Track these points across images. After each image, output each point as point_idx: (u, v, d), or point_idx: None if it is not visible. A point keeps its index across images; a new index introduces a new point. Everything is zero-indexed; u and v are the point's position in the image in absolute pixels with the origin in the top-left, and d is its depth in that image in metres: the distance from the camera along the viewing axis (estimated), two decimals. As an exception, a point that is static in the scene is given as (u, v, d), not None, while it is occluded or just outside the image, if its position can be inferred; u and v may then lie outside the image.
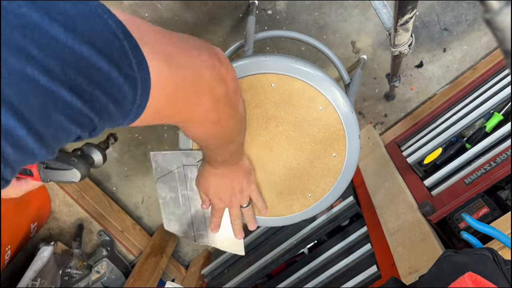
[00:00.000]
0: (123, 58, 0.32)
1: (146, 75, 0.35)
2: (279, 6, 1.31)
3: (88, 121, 0.31)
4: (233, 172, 0.71)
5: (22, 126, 0.26)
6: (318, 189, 0.80)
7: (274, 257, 1.32)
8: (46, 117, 0.28)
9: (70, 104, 0.29)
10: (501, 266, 0.64)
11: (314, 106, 0.73)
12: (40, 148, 0.28)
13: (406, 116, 1.45)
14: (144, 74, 0.35)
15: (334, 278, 1.14)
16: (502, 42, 0.21)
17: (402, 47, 0.84)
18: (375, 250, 1.07)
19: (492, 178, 0.93)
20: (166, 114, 0.42)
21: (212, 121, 0.50)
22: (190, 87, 0.42)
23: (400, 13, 0.69)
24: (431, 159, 1.15)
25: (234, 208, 0.76)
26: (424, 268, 0.85)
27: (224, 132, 0.55)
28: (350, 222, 1.27)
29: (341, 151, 0.76)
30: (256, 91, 0.73)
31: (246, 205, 0.77)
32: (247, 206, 0.78)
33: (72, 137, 0.32)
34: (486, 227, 0.81)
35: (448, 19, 1.30)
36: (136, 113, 0.37)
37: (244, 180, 0.73)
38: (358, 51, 1.38)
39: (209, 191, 0.73)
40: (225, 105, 0.49)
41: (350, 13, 1.31)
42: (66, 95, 0.28)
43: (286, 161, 0.78)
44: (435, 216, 0.96)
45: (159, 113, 0.40)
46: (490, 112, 1.12)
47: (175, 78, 0.39)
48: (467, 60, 1.36)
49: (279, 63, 0.71)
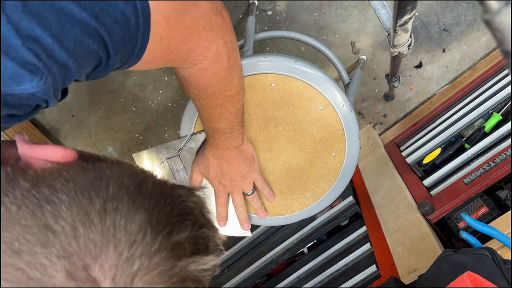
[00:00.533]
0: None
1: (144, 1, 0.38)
2: (279, 6, 1.32)
3: (100, 38, 0.34)
4: (234, 155, 0.70)
5: (47, 35, 0.29)
6: (317, 188, 0.80)
7: (274, 256, 1.32)
8: (64, 28, 0.31)
9: (80, 18, 0.32)
10: (500, 265, 0.65)
11: (313, 106, 0.73)
12: (68, 57, 0.32)
13: (405, 116, 1.46)
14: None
15: (333, 278, 1.14)
16: (501, 43, 0.21)
17: (402, 47, 0.84)
18: (374, 250, 1.07)
19: (491, 178, 0.93)
20: (170, 44, 0.45)
21: (213, 54, 0.52)
22: (188, 14, 0.45)
23: (399, 13, 0.70)
24: (430, 159, 1.15)
25: (236, 193, 0.75)
26: (423, 267, 0.85)
27: (226, 76, 0.56)
28: (349, 222, 1.27)
29: (341, 151, 0.76)
30: (256, 91, 0.73)
31: (250, 193, 0.76)
32: (251, 194, 0.77)
33: (93, 56, 0.35)
34: (485, 227, 0.81)
35: (448, 20, 1.31)
36: (142, 40, 0.40)
37: (246, 166, 0.72)
38: (357, 52, 1.38)
39: (209, 173, 0.72)
40: (223, 34, 0.52)
41: (350, 13, 1.31)
42: (76, 10, 0.31)
43: (285, 160, 0.78)
44: (434, 216, 0.97)
45: (164, 42, 0.43)
46: (489, 112, 1.13)
47: (173, 3, 0.43)
48: (466, 60, 1.36)
49: (279, 63, 0.72)
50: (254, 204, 0.78)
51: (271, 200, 0.79)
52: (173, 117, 1.57)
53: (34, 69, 0.30)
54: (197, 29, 0.48)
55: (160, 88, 1.50)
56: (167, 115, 1.57)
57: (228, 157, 0.70)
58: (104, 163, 0.35)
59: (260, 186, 0.77)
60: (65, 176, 0.31)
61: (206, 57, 0.52)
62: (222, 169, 0.71)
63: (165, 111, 1.56)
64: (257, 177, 0.75)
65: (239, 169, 0.72)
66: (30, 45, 0.29)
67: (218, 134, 0.66)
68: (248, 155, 0.72)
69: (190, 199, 0.35)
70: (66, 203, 0.29)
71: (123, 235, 0.29)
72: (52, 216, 0.28)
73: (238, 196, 0.76)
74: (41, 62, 0.30)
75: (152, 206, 0.31)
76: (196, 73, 0.54)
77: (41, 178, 0.31)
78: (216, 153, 0.70)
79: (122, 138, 1.64)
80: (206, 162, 0.72)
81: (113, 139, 1.65)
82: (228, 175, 0.72)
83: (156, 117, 1.58)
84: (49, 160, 0.33)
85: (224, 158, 0.70)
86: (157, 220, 0.30)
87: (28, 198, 0.29)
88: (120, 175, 0.33)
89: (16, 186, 0.30)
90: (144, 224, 0.30)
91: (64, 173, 0.32)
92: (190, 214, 0.34)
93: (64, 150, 0.33)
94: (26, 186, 0.30)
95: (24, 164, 0.33)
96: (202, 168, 0.73)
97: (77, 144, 1.65)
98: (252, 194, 0.77)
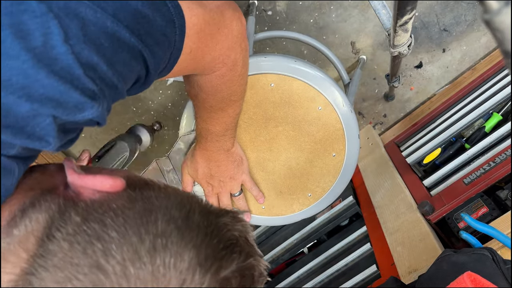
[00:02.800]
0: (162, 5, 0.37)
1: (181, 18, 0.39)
2: (279, 6, 1.32)
3: (143, 59, 0.36)
4: (223, 158, 0.71)
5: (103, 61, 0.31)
6: (317, 188, 0.80)
7: (274, 256, 1.32)
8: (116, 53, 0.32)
9: (129, 42, 0.33)
10: (500, 265, 0.65)
11: (313, 106, 0.73)
12: (118, 80, 0.33)
13: (405, 116, 1.46)
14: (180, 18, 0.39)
15: (333, 278, 1.14)
16: (501, 43, 0.21)
17: (402, 47, 0.84)
18: (374, 250, 1.07)
19: (491, 178, 0.93)
20: (197, 55, 0.46)
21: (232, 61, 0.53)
22: (215, 25, 0.47)
23: (399, 13, 0.70)
24: (430, 159, 1.15)
25: (223, 194, 0.76)
26: (423, 267, 0.85)
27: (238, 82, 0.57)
28: (349, 222, 1.28)
29: (341, 151, 0.76)
30: (256, 91, 0.73)
31: (237, 194, 0.77)
32: (238, 195, 0.77)
33: (135, 76, 0.36)
34: (485, 227, 0.81)
35: (448, 20, 1.31)
36: (175, 55, 0.41)
37: (235, 167, 0.73)
38: (357, 52, 1.38)
39: (198, 174, 0.73)
40: (240, 42, 0.53)
41: (350, 13, 1.31)
42: (126, 36, 0.33)
43: (285, 160, 0.78)
44: (435, 216, 0.97)
45: (193, 54, 0.44)
46: (489, 112, 1.13)
47: (203, 15, 0.44)
48: (466, 60, 1.36)
49: (279, 63, 0.72)
50: (239, 205, 0.79)
51: (260, 201, 0.80)
52: (173, 117, 1.57)
53: (95, 96, 0.31)
54: (221, 38, 0.49)
55: (160, 88, 1.50)
56: (167, 115, 1.57)
57: (217, 159, 0.70)
58: (152, 191, 0.35)
59: (249, 187, 0.77)
60: (114, 209, 0.32)
61: (225, 64, 0.53)
62: (211, 171, 0.72)
63: (165, 111, 1.56)
64: (245, 179, 0.76)
65: (227, 171, 0.73)
66: (89, 73, 0.30)
67: (211, 136, 0.66)
68: (237, 157, 0.73)
69: (235, 227, 0.35)
70: (116, 241, 0.29)
71: (173, 275, 0.29)
72: (103, 255, 0.28)
73: (225, 197, 0.76)
74: (98, 88, 0.31)
75: (200, 241, 0.31)
76: (213, 79, 0.55)
77: (91, 211, 0.32)
78: (205, 155, 0.70)
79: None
80: (195, 164, 0.72)
81: (113, 139, 1.65)
82: (216, 176, 0.73)
83: (156, 117, 1.58)
84: (98, 190, 0.34)
85: (213, 160, 0.70)
86: (205, 256, 0.31)
87: (79, 234, 0.30)
88: (168, 206, 0.33)
89: (68, 220, 0.31)
90: (193, 261, 0.30)
91: (114, 205, 0.32)
92: (236, 245, 0.34)
93: (113, 180, 0.34)
94: (77, 220, 0.31)
95: (73, 193, 0.34)
96: (191, 170, 0.74)
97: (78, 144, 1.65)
98: (239, 195, 0.78)
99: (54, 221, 0.31)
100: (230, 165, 0.72)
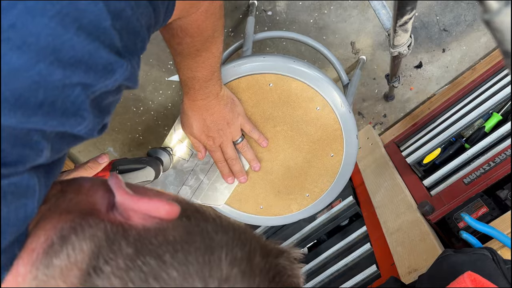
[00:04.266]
0: None
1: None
2: (279, 6, 1.31)
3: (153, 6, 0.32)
4: (215, 104, 0.67)
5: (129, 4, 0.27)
6: (316, 188, 0.80)
7: (273, 257, 1.32)
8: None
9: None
10: (500, 265, 0.64)
11: (312, 106, 0.73)
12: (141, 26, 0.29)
13: (405, 116, 1.46)
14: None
15: (333, 278, 1.14)
16: (501, 43, 0.21)
17: (401, 47, 0.84)
18: (374, 250, 1.07)
19: (491, 178, 0.93)
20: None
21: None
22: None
23: (399, 14, 0.70)
24: (430, 159, 1.15)
25: (226, 144, 0.73)
26: (423, 267, 0.85)
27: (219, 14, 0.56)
28: (349, 222, 1.27)
29: (339, 151, 0.76)
30: (254, 91, 0.73)
31: (240, 140, 0.74)
32: (241, 141, 0.74)
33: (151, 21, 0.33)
34: (485, 227, 0.81)
35: (447, 20, 1.31)
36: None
37: (229, 111, 0.70)
38: (357, 52, 1.38)
39: (194, 130, 0.70)
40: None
41: (350, 13, 1.31)
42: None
43: (283, 160, 0.78)
44: (435, 216, 0.96)
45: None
46: (489, 112, 1.13)
47: None
48: (466, 60, 1.36)
49: (278, 63, 0.71)
50: (246, 154, 0.76)
51: (264, 144, 0.75)
52: (173, 117, 1.57)
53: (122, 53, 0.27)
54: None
55: (160, 88, 1.50)
56: (167, 115, 1.57)
57: (208, 107, 0.67)
58: (207, 223, 0.31)
59: (248, 130, 0.74)
60: (172, 242, 0.27)
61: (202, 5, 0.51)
62: (206, 121, 0.69)
63: (165, 111, 1.56)
64: (243, 121, 0.73)
65: (222, 117, 0.69)
66: (116, 23, 0.26)
67: (199, 84, 0.63)
68: (228, 100, 0.70)
69: (294, 273, 0.32)
70: (177, 283, 0.25)
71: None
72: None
73: (229, 147, 0.73)
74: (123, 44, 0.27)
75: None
76: (198, 17, 0.53)
77: (145, 242, 0.27)
78: (195, 106, 0.67)
79: (122, 139, 1.64)
80: (189, 120, 0.69)
81: (114, 139, 1.65)
82: (213, 125, 0.69)
83: (156, 117, 1.58)
84: (152, 215, 0.29)
85: (204, 109, 0.67)
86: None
87: (133, 270, 0.25)
88: (229, 243, 0.29)
89: (118, 251, 0.26)
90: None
91: (170, 237, 0.28)
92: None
93: (170, 206, 0.29)
94: (129, 252, 0.26)
95: (121, 217, 0.29)
96: (188, 129, 0.71)
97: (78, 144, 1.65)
98: (242, 141, 0.74)
99: (102, 252, 0.26)
100: (223, 110, 0.69)
